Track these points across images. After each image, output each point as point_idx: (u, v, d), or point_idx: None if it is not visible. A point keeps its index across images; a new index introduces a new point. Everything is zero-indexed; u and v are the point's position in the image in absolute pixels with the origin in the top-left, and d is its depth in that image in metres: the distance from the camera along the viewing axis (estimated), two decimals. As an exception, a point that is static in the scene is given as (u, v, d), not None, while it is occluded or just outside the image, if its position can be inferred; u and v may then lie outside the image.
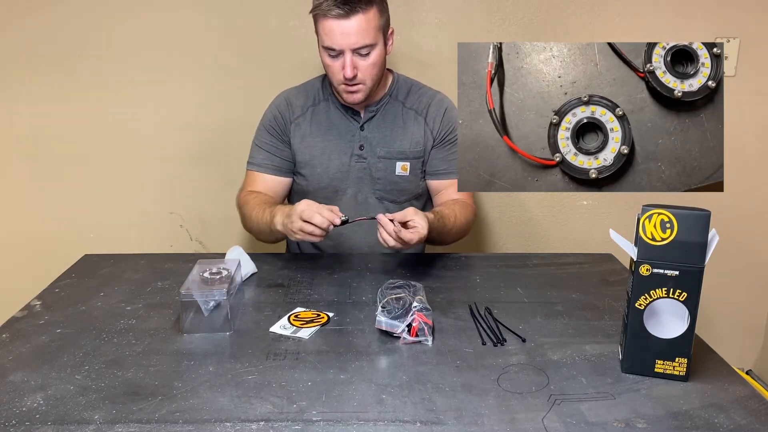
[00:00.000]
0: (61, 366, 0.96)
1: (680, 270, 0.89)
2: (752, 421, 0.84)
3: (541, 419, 0.83)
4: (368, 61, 1.35)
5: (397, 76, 1.53)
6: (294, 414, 0.84)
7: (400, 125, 1.49)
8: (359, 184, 1.50)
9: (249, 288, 1.27)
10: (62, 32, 1.79)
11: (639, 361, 0.94)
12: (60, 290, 1.25)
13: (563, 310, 1.17)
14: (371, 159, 1.48)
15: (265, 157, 1.50)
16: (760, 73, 1.84)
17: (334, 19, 1.30)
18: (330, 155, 1.48)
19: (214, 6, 1.79)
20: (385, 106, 1.49)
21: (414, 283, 1.16)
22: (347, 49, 1.32)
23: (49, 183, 1.90)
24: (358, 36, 1.31)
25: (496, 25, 1.81)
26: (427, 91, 1.53)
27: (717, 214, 0.92)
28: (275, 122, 1.50)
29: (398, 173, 1.49)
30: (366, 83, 1.38)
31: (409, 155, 1.49)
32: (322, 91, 1.51)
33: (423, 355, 1.00)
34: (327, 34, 1.32)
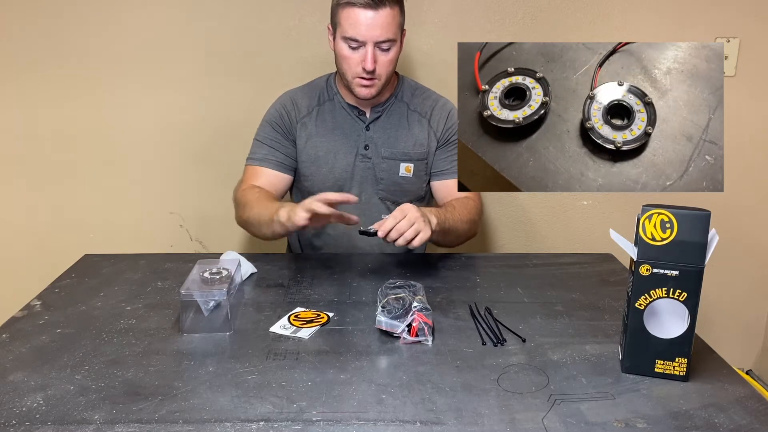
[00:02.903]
0: (61, 366, 0.96)
1: (680, 270, 0.89)
2: (752, 421, 0.84)
3: (541, 419, 0.83)
4: (388, 56, 1.36)
5: (403, 78, 1.54)
6: (294, 414, 0.84)
7: (405, 127, 1.49)
8: (363, 184, 1.50)
9: (249, 288, 1.26)
10: (62, 33, 1.79)
11: (639, 361, 0.94)
12: (60, 290, 1.25)
13: (563, 310, 1.17)
14: (375, 159, 1.48)
15: (268, 152, 1.49)
16: (760, 73, 1.84)
17: (362, 9, 1.31)
18: (336, 155, 1.48)
19: (214, 6, 1.79)
20: (391, 107, 1.49)
21: (414, 283, 1.16)
22: (370, 41, 1.33)
23: (49, 183, 1.90)
24: (383, 29, 1.32)
25: (496, 25, 1.81)
26: (431, 94, 1.54)
27: (717, 214, 0.92)
28: (281, 119, 1.50)
29: (402, 174, 1.49)
30: (381, 78, 1.39)
31: (412, 157, 1.49)
32: (327, 91, 1.51)
33: (423, 355, 1.00)
34: (352, 24, 1.32)
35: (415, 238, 1.21)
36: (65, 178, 1.90)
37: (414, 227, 1.21)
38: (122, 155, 1.89)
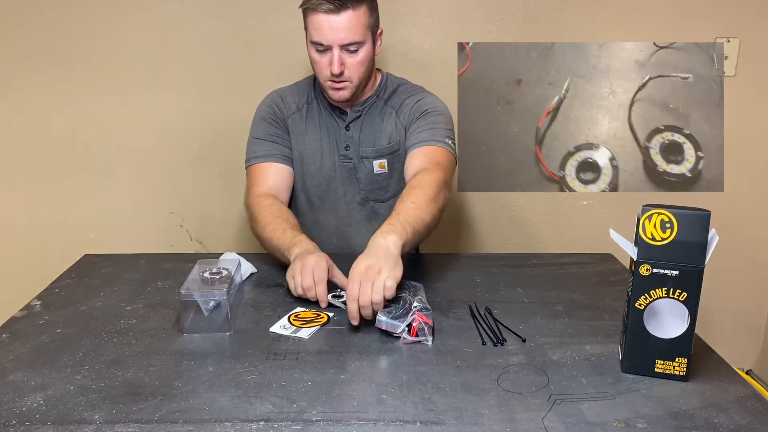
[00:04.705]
0: (61, 366, 0.96)
1: (680, 270, 0.89)
2: (752, 421, 0.83)
3: (541, 419, 0.83)
4: (356, 58, 1.35)
5: (387, 76, 1.52)
6: (294, 414, 0.84)
7: (379, 124, 1.47)
8: (347, 185, 1.50)
9: (249, 288, 1.26)
10: (62, 33, 1.79)
11: (639, 361, 0.94)
12: (60, 290, 1.25)
13: (563, 310, 1.17)
14: (355, 159, 1.48)
15: (271, 147, 1.47)
16: (760, 73, 1.84)
17: (323, 14, 1.30)
18: (322, 154, 1.48)
19: (214, 7, 1.79)
20: (371, 106, 1.48)
21: (414, 283, 1.16)
22: (335, 44, 1.32)
23: (49, 183, 1.90)
24: (347, 32, 1.31)
25: (496, 25, 1.81)
26: (412, 88, 1.51)
27: (717, 214, 0.92)
28: (275, 114, 1.49)
29: (377, 171, 1.48)
30: (353, 81, 1.37)
31: (383, 152, 1.47)
32: (313, 91, 1.51)
33: (423, 355, 1.00)
34: (316, 28, 1.32)
35: (381, 294, 1.04)
36: (65, 178, 1.90)
37: (373, 288, 1.04)
38: (122, 155, 1.89)
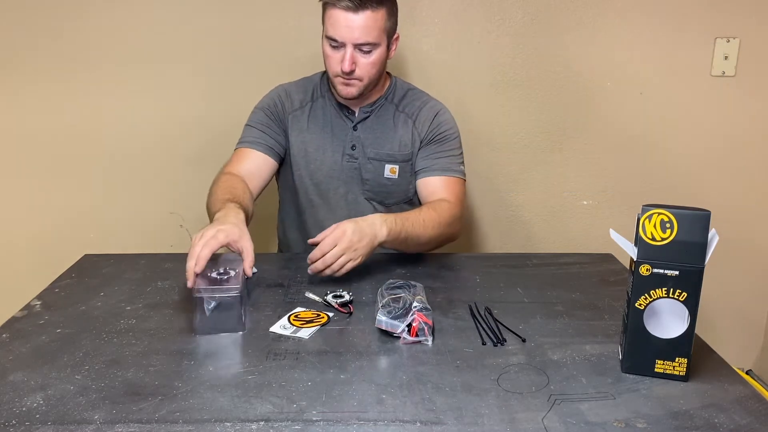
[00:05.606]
0: (61, 366, 0.96)
1: (680, 270, 0.89)
2: (752, 421, 0.83)
3: (541, 419, 0.83)
4: (369, 59, 1.36)
5: (396, 80, 1.53)
6: (294, 414, 0.84)
7: (391, 128, 1.49)
8: (349, 184, 1.50)
9: (249, 288, 1.26)
10: (62, 32, 1.79)
11: (639, 361, 0.94)
12: (60, 290, 1.25)
13: (563, 310, 1.17)
14: (362, 159, 1.48)
15: (258, 136, 1.48)
16: (760, 73, 1.84)
17: (342, 11, 1.31)
18: (324, 152, 1.48)
19: (214, 6, 1.79)
20: (380, 108, 1.49)
21: (414, 283, 1.16)
22: (349, 43, 1.33)
23: (49, 183, 1.90)
24: (362, 32, 1.32)
25: (496, 25, 1.82)
26: (422, 96, 1.53)
27: (717, 214, 0.92)
28: (274, 108, 1.50)
29: (387, 176, 1.49)
30: (363, 80, 1.38)
31: (397, 158, 1.48)
32: (320, 88, 1.51)
33: (423, 355, 1.00)
34: (332, 24, 1.33)
35: (342, 269, 1.21)
36: (65, 178, 1.90)
37: (341, 259, 1.20)
38: (122, 155, 1.89)
